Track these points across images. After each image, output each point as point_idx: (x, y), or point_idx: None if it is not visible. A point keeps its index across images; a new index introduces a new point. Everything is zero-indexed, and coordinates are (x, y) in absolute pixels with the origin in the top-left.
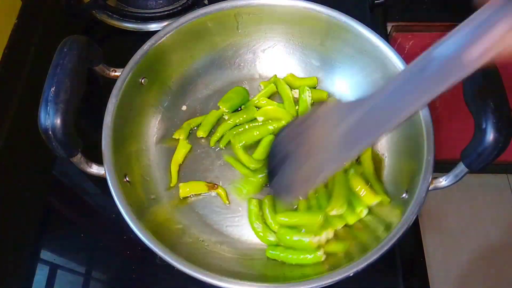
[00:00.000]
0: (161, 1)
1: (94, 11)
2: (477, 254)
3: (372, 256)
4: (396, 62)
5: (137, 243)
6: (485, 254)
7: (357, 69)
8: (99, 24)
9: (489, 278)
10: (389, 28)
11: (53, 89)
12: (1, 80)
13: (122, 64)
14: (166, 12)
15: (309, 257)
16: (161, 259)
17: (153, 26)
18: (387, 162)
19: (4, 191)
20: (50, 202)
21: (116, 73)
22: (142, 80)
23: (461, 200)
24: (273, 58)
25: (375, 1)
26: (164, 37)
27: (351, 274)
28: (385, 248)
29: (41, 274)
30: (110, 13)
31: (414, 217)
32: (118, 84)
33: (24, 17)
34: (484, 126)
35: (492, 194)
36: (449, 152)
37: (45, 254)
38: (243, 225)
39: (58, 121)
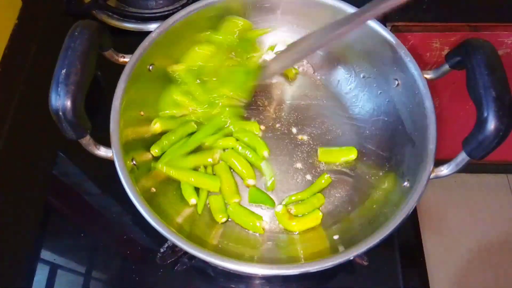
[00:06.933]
0: (161, 1)
1: (94, 11)
2: (477, 254)
3: (373, 241)
4: (400, 51)
5: (137, 243)
6: (485, 254)
7: (361, 57)
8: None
9: (488, 277)
10: (388, 29)
11: (64, 71)
12: (1, 81)
13: (122, 65)
14: (166, 12)
15: None
16: (161, 258)
17: (153, 26)
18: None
19: (4, 190)
20: (50, 202)
21: (125, 59)
22: (150, 67)
23: (461, 200)
24: (279, 48)
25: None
26: (173, 25)
27: (351, 258)
28: (386, 234)
29: (41, 274)
30: (110, 13)
31: (415, 205)
32: (126, 70)
33: (24, 18)
34: (485, 114)
35: (491, 194)
36: (450, 153)
37: (45, 254)
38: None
39: (68, 102)
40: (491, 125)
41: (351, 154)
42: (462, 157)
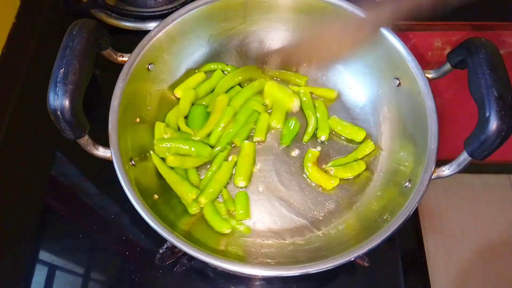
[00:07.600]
0: (160, 0)
1: (93, 10)
2: (479, 254)
3: (373, 242)
4: (401, 50)
5: (136, 243)
6: (487, 254)
7: (362, 56)
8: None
9: (490, 278)
10: (389, 27)
11: (62, 70)
12: None
13: (120, 64)
14: (165, 11)
15: None
16: (160, 259)
17: (152, 25)
18: (390, 152)
19: (2, 191)
20: (48, 203)
21: (124, 58)
22: (149, 66)
23: (462, 200)
24: (279, 47)
25: (376, 0)
26: (172, 24)
27: (352, 259)
28: (387, 235)
29: (39, 275)
30: (109, 12)
31: (416, 205)
32: (125, 69)
33: (22, 17)
34: (487, 114)
35: (493, 194)
36: (452, 153)
37: (43, 255)
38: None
39: (66, 102)
40: (493, 125)
41: (359, 135)
42: (463, 157)
